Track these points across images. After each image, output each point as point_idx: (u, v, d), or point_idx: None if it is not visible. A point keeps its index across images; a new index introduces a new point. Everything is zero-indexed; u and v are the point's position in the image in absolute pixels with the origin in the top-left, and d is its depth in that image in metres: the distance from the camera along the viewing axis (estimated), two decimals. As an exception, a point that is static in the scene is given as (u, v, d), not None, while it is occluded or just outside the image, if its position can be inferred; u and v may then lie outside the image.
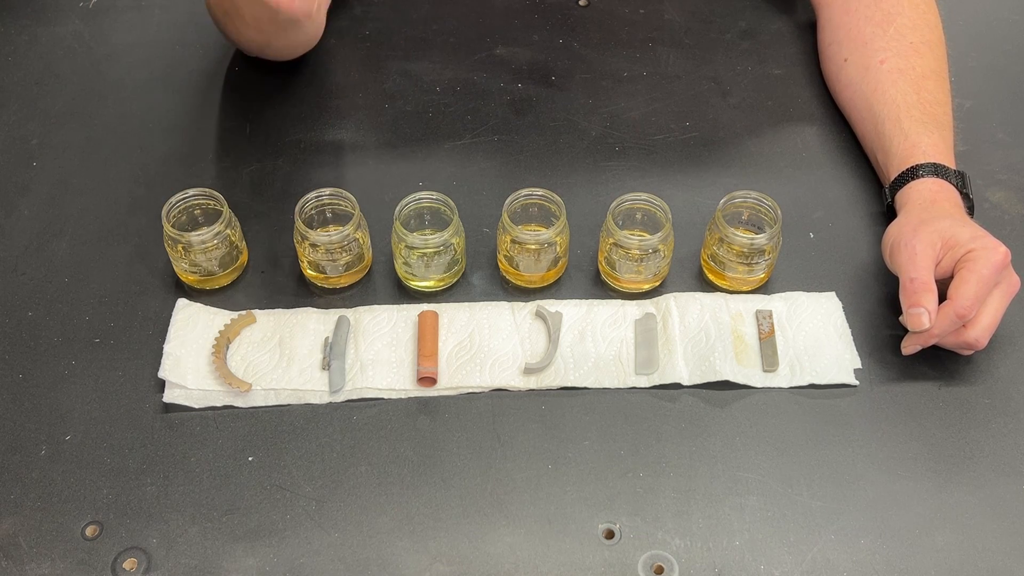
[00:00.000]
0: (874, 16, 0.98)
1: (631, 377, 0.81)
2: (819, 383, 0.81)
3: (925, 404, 0.80)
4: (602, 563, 0.71)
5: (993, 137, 1.00)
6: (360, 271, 0.87)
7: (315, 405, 0.79)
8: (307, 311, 0.85)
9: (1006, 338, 0.83)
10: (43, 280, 0.87)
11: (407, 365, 0.81)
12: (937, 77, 0.94)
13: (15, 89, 1.04)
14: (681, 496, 0.75)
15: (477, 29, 0.77)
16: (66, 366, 0.82)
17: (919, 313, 0.77)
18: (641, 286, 0.86)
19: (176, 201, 0.86)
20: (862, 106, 0.96)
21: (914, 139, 0.89)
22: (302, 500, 0.74)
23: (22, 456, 0.76)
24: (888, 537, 0.73)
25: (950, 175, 0.86)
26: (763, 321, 0.84)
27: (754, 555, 0.72)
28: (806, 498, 0.75)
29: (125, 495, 0.74)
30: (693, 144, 0.99)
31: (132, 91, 1.04)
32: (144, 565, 0.71)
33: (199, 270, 0.85)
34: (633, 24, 1.11)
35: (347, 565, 0.71)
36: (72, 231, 0.91)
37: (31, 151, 0.98)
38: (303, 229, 0.83)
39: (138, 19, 1.12)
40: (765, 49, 1.09)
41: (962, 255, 0.78)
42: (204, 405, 0.79)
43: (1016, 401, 0.80)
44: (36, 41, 1.09)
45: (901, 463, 0.77)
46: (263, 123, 1.00)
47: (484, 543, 0.72)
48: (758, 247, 0.83)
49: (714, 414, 0.79)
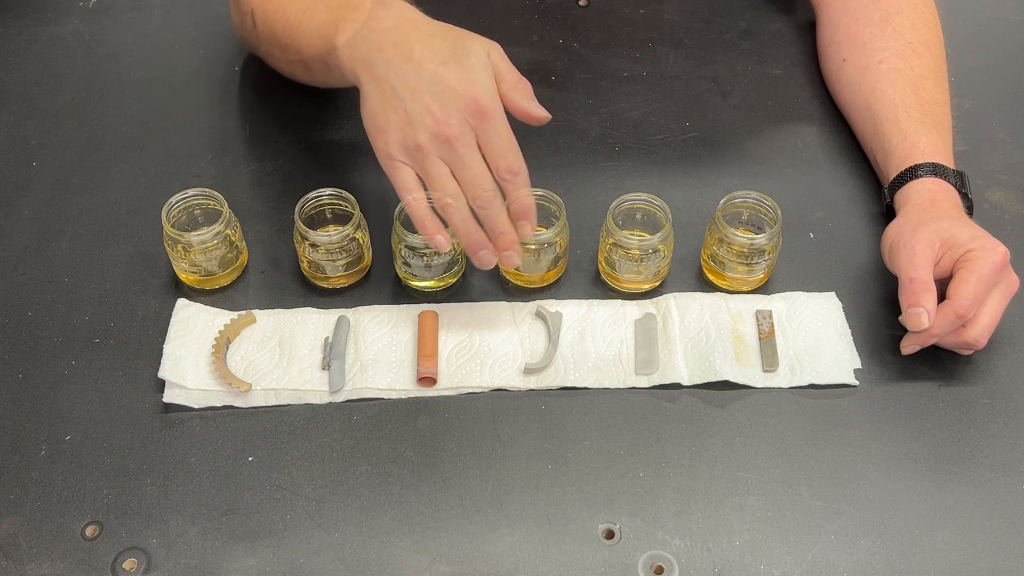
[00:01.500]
0: (873, 16, 0.98)
1: (631, 377, 0.81)
2: (819, 383, 0.81)
3: (925, 404, 0.80)
4: (602, 563, 0.71)
5: (993, 137, 1.00)
6: (360, 271, 0.87)
7: (315, 405, 0.79)
8: (307, 311, 0.85)
9: (1005, 338, 0.83)
10: (43, 280, 0.87)
11: (407, 365, 0.81)
12: (936, 77, 0.94)
13: (15, 89, 1.04)
14: (681, 496, 0.75)
15: (477, 29, 0.77)
16: (66, 366, 0.82)
17: (918, 313, 0.77)
18: (641, 286, 0.86)
19: (176, 201, 0.86)
20: (861, 106, 0.96)
21: (913, 139, 0.89)
22: (302, 500, 0.74)
23: (22, 456, 0.76)
24: (888, 537, 0.73)
25: (949, 175, 0.86)
26: (763, 321, 0.84)
27: (754, 555, 0.72)
28: (806, 498, 0.75)
29: (125, 495, 0.74)
30: (693, 144, 0.99)
31: (132, 91, 1.04)
32: (144, 565, 0.71)
33: (199, 270, 0.85)
34: (633, 24, 1.11)
35: (347, 565, 0.71)
36: (72, 231, 0.91)
37: (31, 151, 0.98)
38: (303, 229, 0.83)
39: (138, 19, 1.12)
40: (765, 49, 1.09)
41: (961, 255, 0.78)
42: (204, 405, 0.79)
43: (1016, 401, 0.80)
44: (36, 41, 1.09)
45: (901, 463, 0.77)
46: (263, 123, 1.00)
47: (484, 543, 0.72)
48: (758, 247, 0.83)
49: (714, 414, 0.79)
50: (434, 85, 0.74)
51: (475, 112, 0.74)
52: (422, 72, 0.75)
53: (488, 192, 0.76)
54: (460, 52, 0.75)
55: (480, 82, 0.74)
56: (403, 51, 0.76)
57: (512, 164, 0.75)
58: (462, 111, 0.74)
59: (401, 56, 0.76)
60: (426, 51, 0.76)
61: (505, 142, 0.75)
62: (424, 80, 0.75)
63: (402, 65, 0.76)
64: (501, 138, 0.75)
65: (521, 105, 0.77)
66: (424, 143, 0.74)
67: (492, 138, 0.75)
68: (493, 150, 0.75)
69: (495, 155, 0.75)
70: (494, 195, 0.76)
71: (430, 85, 0.74)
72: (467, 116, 0.74)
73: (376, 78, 0.77)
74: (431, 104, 0.74)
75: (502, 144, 0.75)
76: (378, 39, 0.77)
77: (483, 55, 0.76)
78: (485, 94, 0.74)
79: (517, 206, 0.77)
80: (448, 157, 0.75)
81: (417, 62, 0.75)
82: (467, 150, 0.74)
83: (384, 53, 0.76)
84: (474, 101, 0.74)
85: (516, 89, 0.77)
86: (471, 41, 0.76)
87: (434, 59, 0.75)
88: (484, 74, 0.75)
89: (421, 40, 0.76)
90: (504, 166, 0.75)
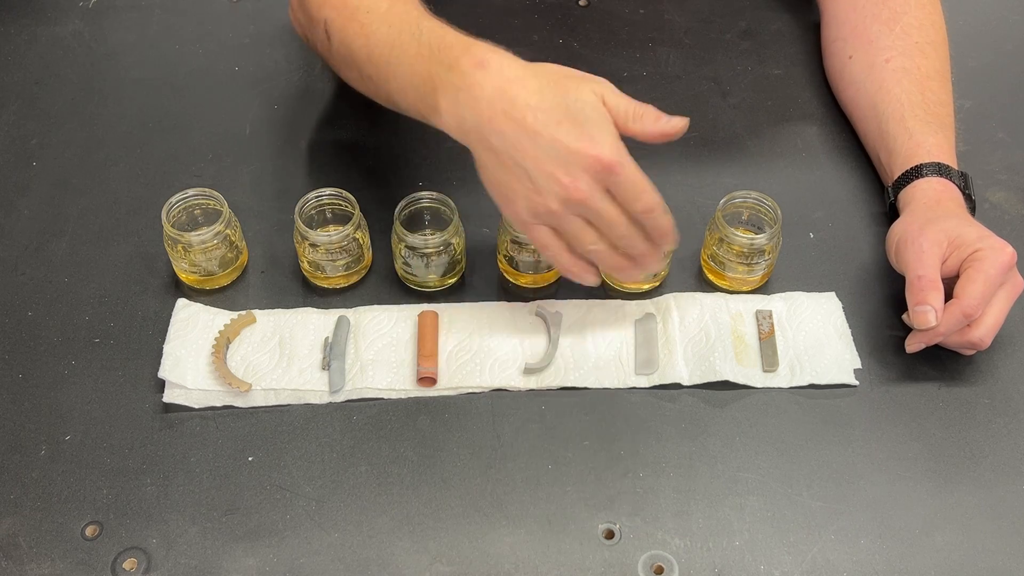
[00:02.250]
0: (881, 14, 0.98)
1: (631, 377, 0.81)
2: (819, 383, 0.81)
3: (925, 404, 0.80)
4: (602, 563, 0.71)
5: (993, 137, 1.00)
6: (360, 271, 0.87)
7: (315, 405, 0.79)
8: (307, 311, 0.85)
9: (1007, 338, 0.83)
10: (43, 280, 0.87)
11: (407, 365, 0.81)
12: (941, 78, 0.94)
13: (15, 89, 1.04)
14: (681, 496, 0.75)
15: (477, 29, 0.77)
16: (66, 366, 0.82)
17: (925, 311, 0.77)
18: (641, 286, 0.86)
19: (176, 201, 0.86)
20: (865, 104, 0.96)
21: (918, 138, 0.89)
22: (302, 500, 0.74)
23: (22, 456, 0.76)
24: (888, 537, 0.73)
25: (953, 175, 0.86)
26: (763, 321, 0.84)
27: (754, 555, 0.72)
28: (806, 498, 0.75)
29: (125, 495, 0.74)
30: (693, 144, 0.99)
31: (132, 91, 1.04)
32: (144, 565, 0.71)
33: (199, 270, 0.85)
34: (633, 24, 1.11)
35: (347, 565, 0.71)
36: (72, 231, 0.91)
37: (31, 151, 0.98)
38: (303, 229, 0.83)
39: (138, 19, 1.12)
40: (765, 49, 1.08)
41: (968, 255, 0.78)
42: (204, 405, 0.79)
43: (1017, 401, 0.80)
44: (36, 41, 1.09)
45: (901, 463, 0.77)
46: (263, 123, 1.00)
47: (484, 543, 0.72)
48: (758, 247, 0.83)
49: (714, 414, 0.79)
50: (554, 151, 0.71)
51: (601, 170, 0.71)
52: (539, 140, 0.71)
53: (626, 235, 0.74)
54: (573, 107, 0.71)
55: (599, 136, 0.71)
56: (515, 120, 0.71)
57: (647, 204, 0.73)
58: (588, 171, 0.71)
59: (514, 126, 0.72)
60: (539, 115, 0.71)
61: (637, 187, 0.72)
62: (543, 148, 0.71)
63: (517, 135, 0.72)
64: (632, 184, 0.72)
65: (649, 131, 0.74)
66: (556, 208, 0.72)
67: (623, 188, 0.72)
68: (626, 197, 0.73)
69: (629, 201, 0.73)
70: (633, 234, 0.74)
71: (550, 152, 0.71)
72: (594, 175, 0.71)
73: (492, 150, 0.73)
74: (555, 171, 0.71)
75: (635, 189, 0.72)
76: (486, 111, 0.72)
77: (596, 103, 0.72)
78: (607, 149, 0.71)
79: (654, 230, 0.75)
80: (582, 213, 0.73)
81: (532, 129, 0.71)
82: (600, 204, 0.72)
83: (495, 125, 0.72)
84: (597, 160, 0.71)
85: (639, 121, 0.74)
86: (581, 91, 0.72)
87: (548, 122, 0.71)
88: (602, 125, 0.72)
89: (530, 102, 0.71)
90: (640, 208, 0.73)
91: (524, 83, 0.72)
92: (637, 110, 0.74)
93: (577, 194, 0.71)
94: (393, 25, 0.80)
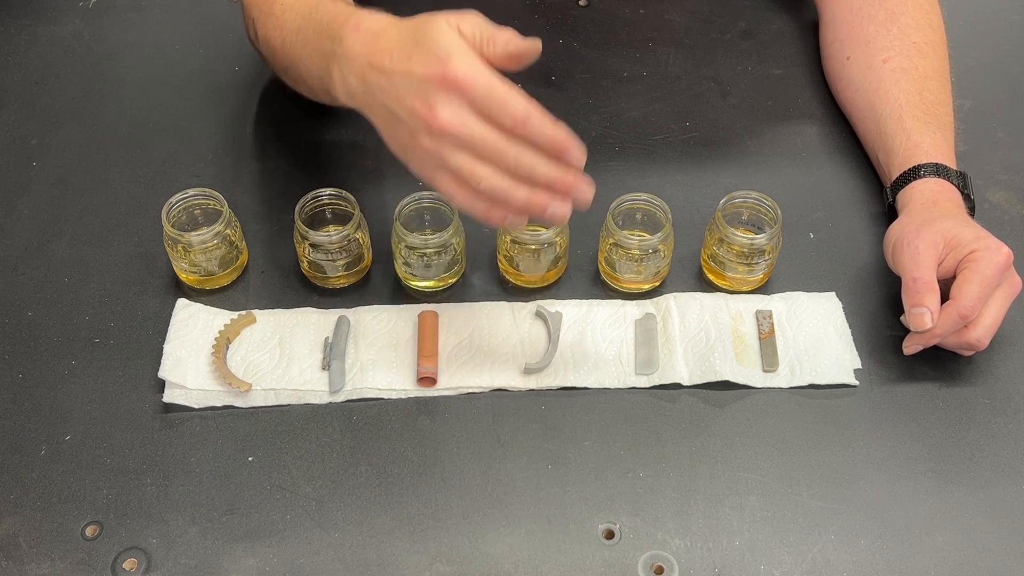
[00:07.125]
0: (878, 15, 0.98)
1: (631, 377, 0.81)
2: (819, 383, 0.81)
3: (925, 404, 0.80)
4: (602, 563, 0.71)
5: (993, 137, 1.00)
6: (360, 271, 0.87)
7: (315, 405, 0.79)
8: (307, 311, 0.85)
9: (1006, 339, 0.83)
10: (43, 280, 0.87)
11: (407, 365, 0.81)
12: (939, 77, 0.94)
13: (15, 89, 1.04)
14: (681, 496, 0.75)
15: (477, 29, 0.77)
16: (66, 366, 0.82)
17: (922, 313, 0.77)
18: (641, 286, 0.86)
19: (176, 201, 0.86)
20: (864, 105, 0.96)
21: (916, 139, 0.89)
22: (302, 500, 0.74)
23: (22, 456, 0.76)
24: (888, 537, 0.73)
25: (952, 175, 0.86)
26: (763, 321, 0.84)
27: (754, 555, 0.72)
28: (806, 498, 0.75)
29: (125, 495, 0.74)
30: (693, 144, 0.99)
31: (132, 91, 1.04)
32: (144, 565, 0.71)
33: (199, 270, 0.85)
34: (633, 24, 1.11)
35: (347, 565, 0.71)
36: (72, 231, 0.91)
37: (31, 151, 0.98)
38: (303, 229, 0.83)
39: (138, 19, 1.12)
40: (765, 49, 1.09)
41: (965, 255, 0.78)
42: (204, 405, 0.79)
43: (1016, 401, 0.80)
44: (36, 41, 1.09)
45: (901, 463, 0.77)
46: (263, 123, 1.00)
47: (484, 543, 0.72)
48: (758, 247, 0.83)
49: (714, 414, 0.79)
50: (409, 85, 0.68)
51: (452, 87, 0.66)
52: (395, 78, 0.69)
53: (517, 158, 0.67)
54: (424, 39, 0.68)
55: (446, 55, 0.66)
56: (376, 68, 0.70)
57: (515, 113, 0.66)
58: (441, 93, 0.66)
59: (377, 74, 0.70)
60: (393, 55, 0.69)
61: (498, 97, 0.66)
62: (399, 85, 0.68)
63: (379, 82, 0.70)
64: (490, 94, 0.66)
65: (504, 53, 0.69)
66: (429, 145, 0.68)
67: (484, 103, 0.66)
68: (491, 112, 0.67)
69: (496, 115, 0.67)
70: (525, 155, 0.67)
71: (406, 86, 0.68)
72: (449, 96, 0.66)
73: (371, 107, 0.72)
74: (414, 104, 0.67)
75: (497, 100, 0.66)
76: (358, 68, 0.71)
77: (448, 30, 0.67)
78: (453, 62, 0.66)
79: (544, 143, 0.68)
80: (458, 143, 0.67)
81: (388, 70, 0.69)
82: (470, 129, 0.67)
83: (367, 79, 0.71)
84: (443, 78, 0.66)
85: (491, 44, 0.69)
86: (433, 23, 0.68)
87: (400, 59, 0.68)
88: (452, 48, 0.67)
89: (387, 46, 0.70)
90: (509, 120, 0.66)
91: (386, 33, 0.71)
92: (492, 35, 0.69)
93: (437, 122, 0.67)
94: (299, 11, 0.82)
